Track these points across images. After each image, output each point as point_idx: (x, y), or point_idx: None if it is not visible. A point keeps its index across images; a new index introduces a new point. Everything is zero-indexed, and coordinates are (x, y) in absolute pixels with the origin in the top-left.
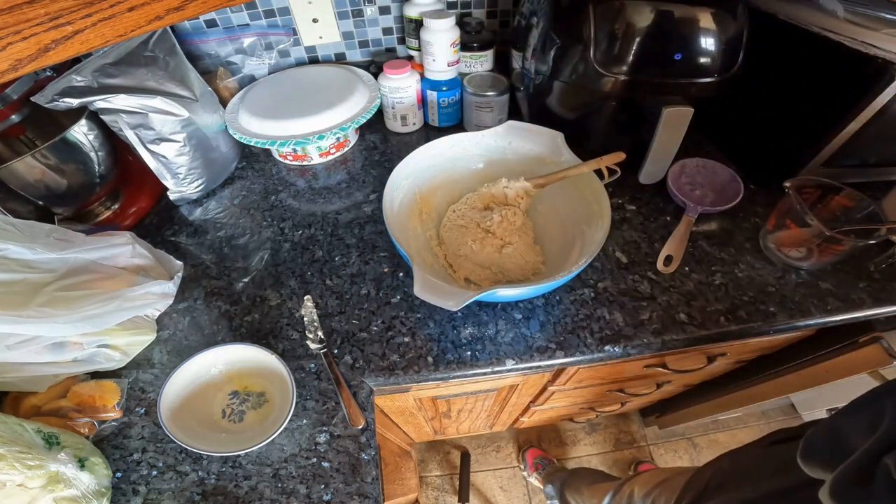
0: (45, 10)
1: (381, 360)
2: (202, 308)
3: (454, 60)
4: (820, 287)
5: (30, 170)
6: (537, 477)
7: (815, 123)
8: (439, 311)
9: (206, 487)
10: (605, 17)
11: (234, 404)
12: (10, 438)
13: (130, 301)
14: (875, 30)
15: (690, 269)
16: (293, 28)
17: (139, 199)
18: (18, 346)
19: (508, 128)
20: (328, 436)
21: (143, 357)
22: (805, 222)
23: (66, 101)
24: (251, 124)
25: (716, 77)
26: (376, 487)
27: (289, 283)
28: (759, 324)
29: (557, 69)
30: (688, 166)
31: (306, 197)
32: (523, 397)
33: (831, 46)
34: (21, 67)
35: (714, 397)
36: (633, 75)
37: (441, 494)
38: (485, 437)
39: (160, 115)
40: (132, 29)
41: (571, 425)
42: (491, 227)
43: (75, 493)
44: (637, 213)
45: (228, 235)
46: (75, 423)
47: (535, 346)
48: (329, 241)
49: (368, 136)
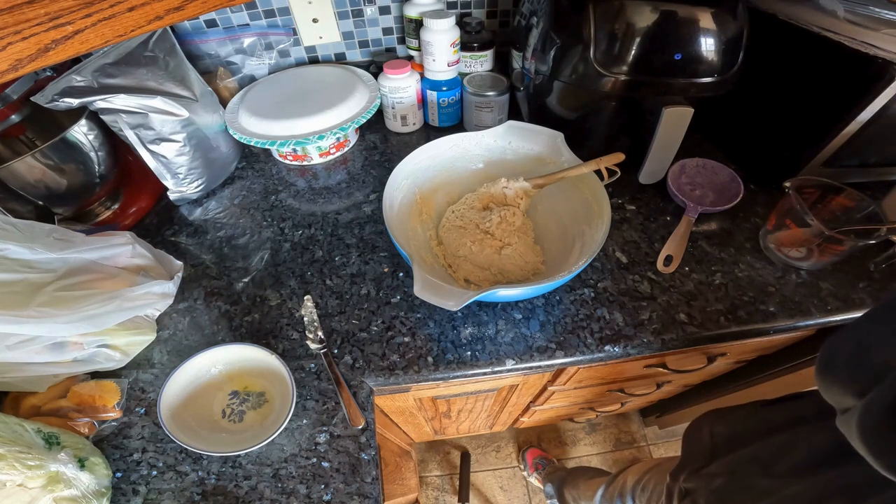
0: (45, 10)
1: (381, 360)
2: (202, 308)
3: (454, 60)
4: (820, 287)
5: (30, 170)
6: (537, 477)
7: (815, 123)
8: (439, 311)
9: (206, 487)
10: (605, 17)
11: (234, 404)
12: (10, 438)
13: (130, 301)
14: (875, 30)
15: (690, 269)
16: (293, 28)
17: (139, 199)
18: (18, 346)
19: (508, 128)
20: (328, 436)
21: (143, 357)
22: (805, 222)
23: (66, 101)
24: (251, 124)
25: (716, 77)
26: (376, 487)
27: (289, 283)
28: (759, 324)
29: (557, 69)
30: (688, 166)
31: (306, 197)
32: (523, 397)
33: (831, 46)
34: (21, 67)
35: (714, 397)
36: (633, 75)
37: (441, 494)
38: (485, 437)
39: (160, 115)
40: (132, 29)
41: (571, 425)
42: (490, 228)
43: (75, 493)
44: (637, 213)
45: (228, 235)
46: (75, 423)
47: (535, 346)
48: (329, 241)
49: (368, 136)
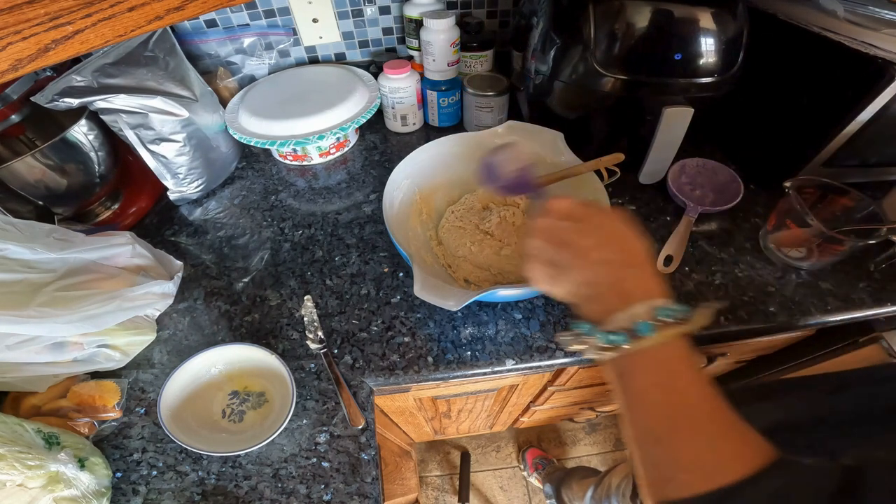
0: (45, 10)
1: (381, 360)
2: (202, 308)
3: (454, 60)
4: (820, 287)
5: (30, 170)
6: (537, 477)
7: (816, 123)
8: (439, 311)
9: (206, 487)
10: (605, 17)
11: (234, 404)
12: (10, 438)
13: (130, 301)
14: (875, 30)
15: (690, 269)
16: (293, 28)
17: (139, 199)
18: (18, 346)
19: (509, 128)
20: (328, 436)
21: (143, 357)
22: (805, 222)
23: (66, 101)
24: (251, 124)
25: (716, 77)
26: (376, 487)
27: (289, 283)
28: (759, 324)
29: (557, 69)
30: (688, 166)
31: (306, 197)
32: (523, 397)
33: (831, 46)
34: (21, 67)
35: None
36: (633, 75)
37: (441, 494)
38: (485, 437)
39: (160, 115)
40: (132, 29)
41: (571, 425)
42: (489, 228)
43: (75, 493)
44: (637, 213)
45: (228, 235)
46: (75, 423)
47: (535, 346)
48: (329, 241)
49: (368, 136)
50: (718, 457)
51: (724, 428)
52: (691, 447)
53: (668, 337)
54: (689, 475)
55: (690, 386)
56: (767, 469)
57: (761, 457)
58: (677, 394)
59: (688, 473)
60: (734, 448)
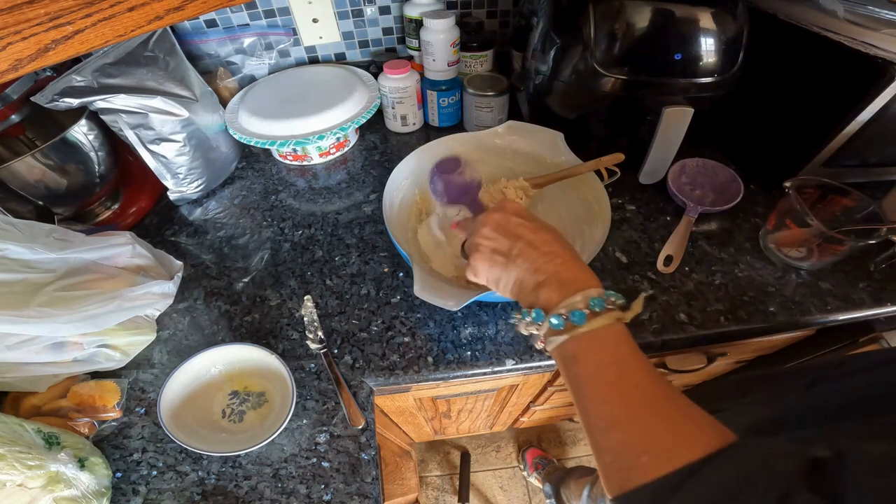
0: (45, 10)
1: (381, 360)
2: (202, 308)
3: (454, 60)
4: (820, 287)
5: (30, 170)
6: (537, 477)
7: (815, 123)
8: (439, 311)
9: (206, 487)
10: (605, 17)
11: (234, 404)
12: (10, 438)
13: (130, 301)
14: (875, 30)
15: (690, 269)
16: (293, 28)
17: (139, 199)
18: (18, 346)
19: (508, 128)
20: (328, 436)
21: (143, 357)
22: (805, 222)
23: (66, 101)
24: (251, 124)
25: (716, 77)
26: (376, 487)
27: (289, 283)
28: (759, 324)
29: (557, 69)
30: (688, 166)
31: (306, 197)
32: (523, 397)
33: (831, 46)
34: (21, 67)
35: None
36: (633, 75)
37: (441, 494)
38: (485, 437)
39: (160, 115)
40: (132, 29)
41: (571, 425)
42: None
43: (75, 493)
44: (637, 213)
45: (228, 235)
46: (75, 423)
47: (535, 346)
48: (329, 241)
49: (368, 136)
50: (678, 436)
51: (681, 407)
52: (650, 427)
53: (607, 320)
54: (651, 457)
55: (639, 369)
56: (732, 446)
57: (720, 436)
58: (628, 375)
59: (649, 455)
60: (693, 427)
